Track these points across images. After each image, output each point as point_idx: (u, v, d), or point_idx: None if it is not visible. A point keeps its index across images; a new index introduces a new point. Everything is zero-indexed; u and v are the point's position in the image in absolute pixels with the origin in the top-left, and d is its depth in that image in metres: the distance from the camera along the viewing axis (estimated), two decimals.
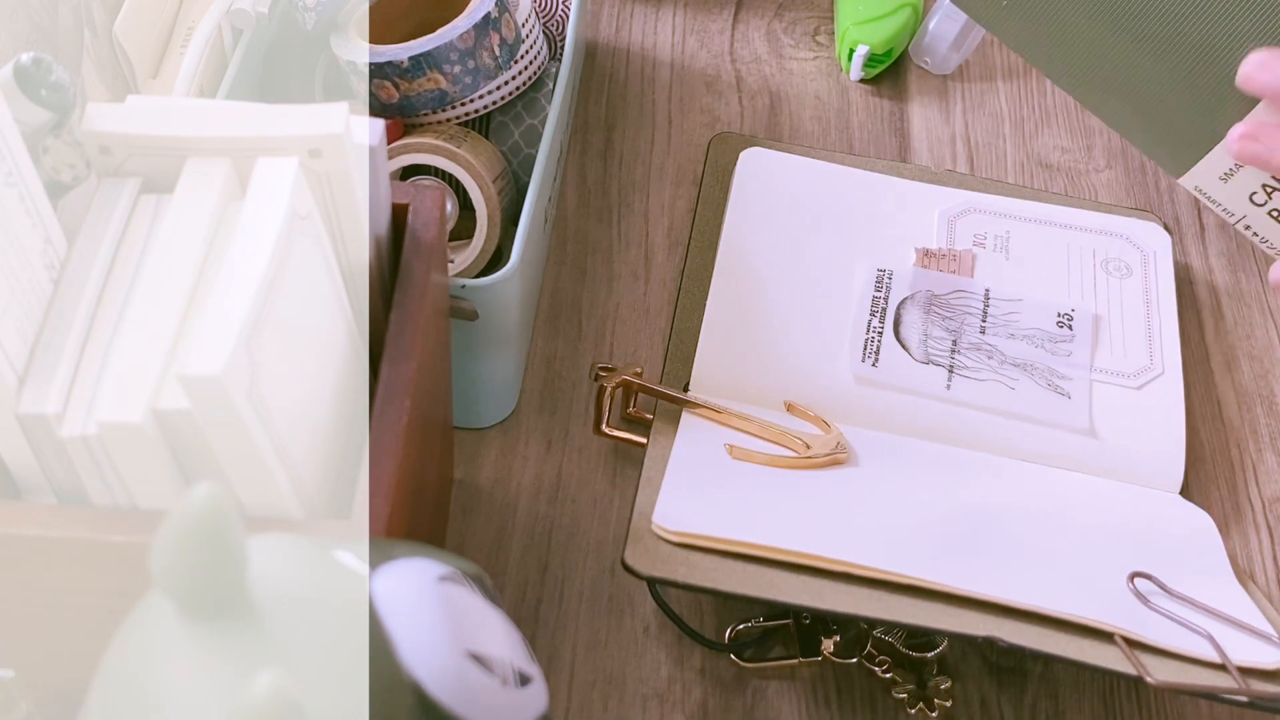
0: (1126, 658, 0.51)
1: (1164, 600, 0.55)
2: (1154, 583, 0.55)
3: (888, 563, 0.54)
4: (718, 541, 0.54)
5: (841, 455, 0.61)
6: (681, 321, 0.67)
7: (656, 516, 0.55)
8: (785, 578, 0.53)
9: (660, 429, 0.62)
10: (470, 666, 0.39)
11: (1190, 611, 0.54)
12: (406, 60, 0.65)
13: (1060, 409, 0.64)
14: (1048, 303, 0.68)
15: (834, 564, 0.53)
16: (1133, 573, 0.55)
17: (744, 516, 0.56)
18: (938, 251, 0.70)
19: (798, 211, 0.71)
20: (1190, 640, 0.53)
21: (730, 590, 0.52)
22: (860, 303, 0.67)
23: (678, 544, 0.54)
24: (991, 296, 0.68)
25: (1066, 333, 0.66)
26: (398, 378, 0.48)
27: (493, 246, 0.66)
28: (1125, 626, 0.53)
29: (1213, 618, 0.54)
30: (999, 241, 0.71)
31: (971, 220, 0.72)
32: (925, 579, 0.53)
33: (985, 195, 0.73)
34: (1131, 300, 0.69)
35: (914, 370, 0.65)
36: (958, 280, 0.69)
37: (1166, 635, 0.53)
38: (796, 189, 0.72)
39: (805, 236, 0.70)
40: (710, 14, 0.86)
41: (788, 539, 0.54)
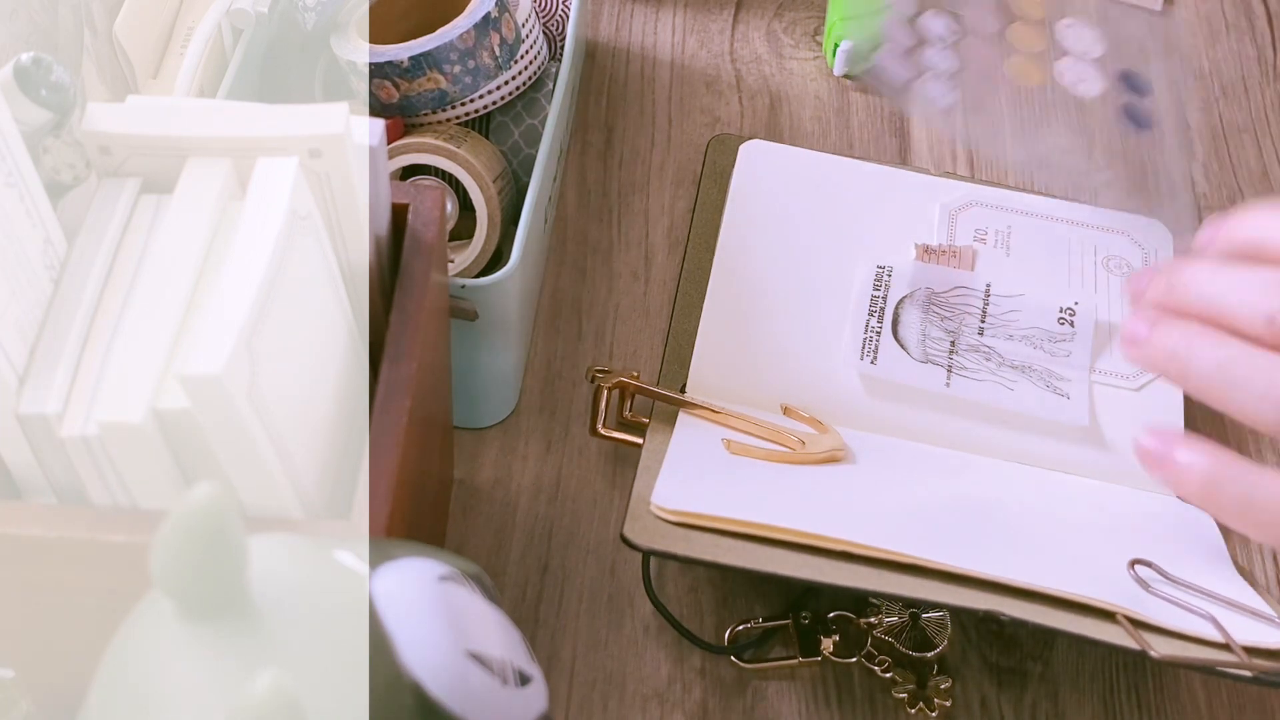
0: (1129, 634, 0.51)
1: (1165, 586, 0.55)
2: (1155, 569, 0.55)
3: (888, 542, 0.53)
4: (716, 520, 0.54)
5: (839, 454, 0.61)
6: (678, 323, 0.67)
7: (655, 497, 0.55)
8: (784, 554, 0.53)
9: (657, 429, 0.62)
10: (470, 666, 0.39)
11: (1192, 596, 0.54)
12: (406, 60, 0.65)
13: (1060, 409, 0.64)
14: (1049, 299, 0.67)
15: (834, 543, 0.53)
16: (1133, 559, 0.55)
17: (743, 498, 0.56)
18: (938, 248, 0.70)
19: (798, 205, 0.71)
20: (1193, 622, 0.53)
21: (729, 563, 0.52)
22: (859, 301, 0.67)
23: (676, 523, 0.54)
24: (992, 293, 0.68)
25: (1068, 329, 0.66)
26: (398, 378, 0.48)
27: (493, 246, 0.66)
28: (1128, 606, 0.53)
29: (1215, 601, 0.54)
30: (1000, 237, 0.70)
31: (973, 215, 0.71)
32: (926, 558, 0.53)
33: (987, 188, 0.73)
34: None
35: (913, 368, 0.65)
36: (958, 275, 0.68)
37: (1169, 617, 0.53)
38: (797, 182, 0.72)
39: (805, 232, 0.70)
40: (710, 14, 0.86)
41: (787, 518, 0.54)
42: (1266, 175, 0.78)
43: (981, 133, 0.73)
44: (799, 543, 0.53)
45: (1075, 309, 0.67)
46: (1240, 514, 0.51)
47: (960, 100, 0.71)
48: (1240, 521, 0.51)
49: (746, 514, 0.54)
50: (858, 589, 0.51)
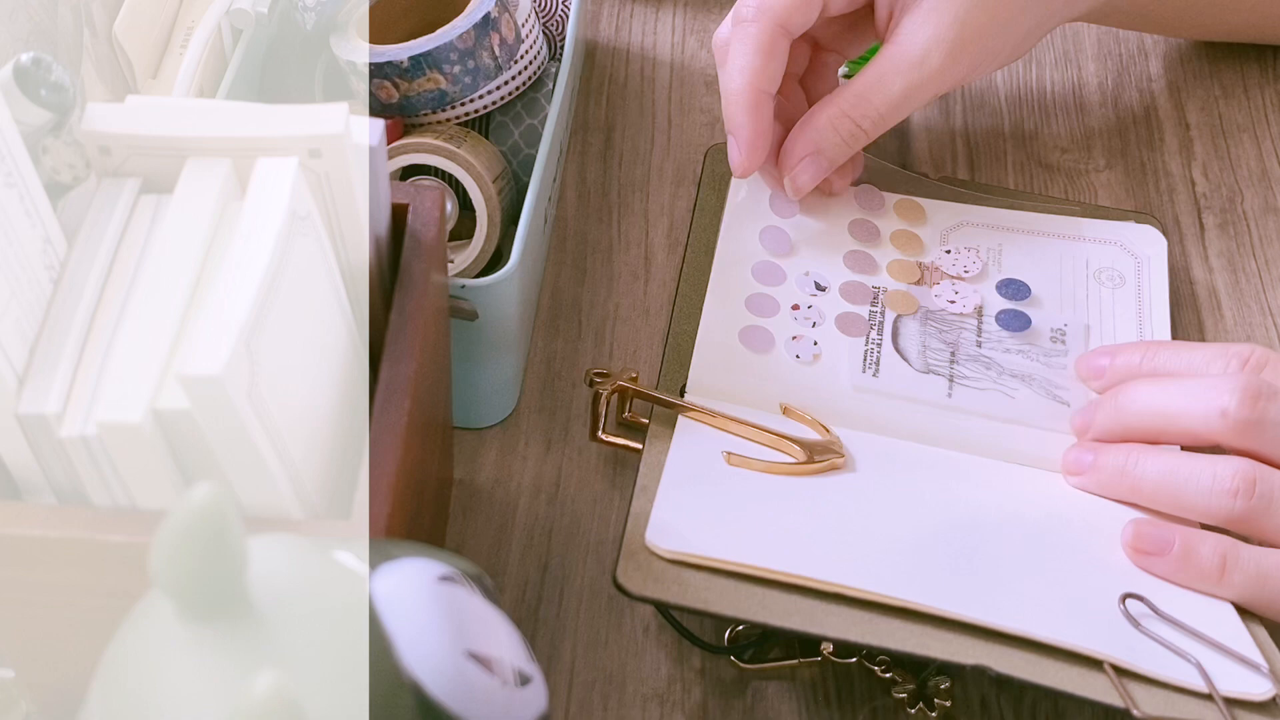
0: (1115, 688, 0.52)
1: (1155, 624, 0.55)
2: (1146, 605, 0.55)
3: (880, 585, 0.54)
4: (711, 561, 0.54)
5: (839, 460, 0.61)
6: (678, 323, 0.67)
7: (650, 532, 0.55)
8: (778, 598, 0.54)
9: (656, 433, 0.62)
10: (470, 666, 0.39)
11: (1180, 636, 0.55)
12: (406, 60, 0.65)
13: (1062, 416, 0.64)
14: (1040, 319, 0.68)
15: (826, 585, 0.54)
16: (1124, 594, 0.56)
17: (739, 534, 0.56)
18: (930, 265, 0.70)
19: (789, 225, 0.71)
20: (1179, 668, 0.53)
21: (721, 612, 0.53)
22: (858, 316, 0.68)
23: (670, 561, 0.55)
24: (985, 313, 0.68)
25: (1060, 347, 0.67)
26: (398, 378, 0.48)
27: (493, 246, 0.66)
28: (1114, 654, 0.53)
29: (1203, 643, 0.55)
30: (991, 255, 0.71)
31: (964, 234, 0.72)
32: (917, 602, 0.54)
33: (978, 208, 0.73)
34: (1124, 310, 0.69)
35: (915, 379, 0.65)
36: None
37: (1156, 662, 0.53)
38: (790, 204, 0.72)
39: (799, 249, 0.70)
40: (710, 14, 0.86)
41: (781, 560, 0.55)
42: (1266, 175, 0.78)
43: None
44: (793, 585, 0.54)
45: (1065, 329, 0.67)
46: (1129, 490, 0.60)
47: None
48: (1162, 500, 0.59)
49: (741, 555, 0.55)
50: (847, 640, 0.52)
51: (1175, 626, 0.55)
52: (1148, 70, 0.84)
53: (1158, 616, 0.55)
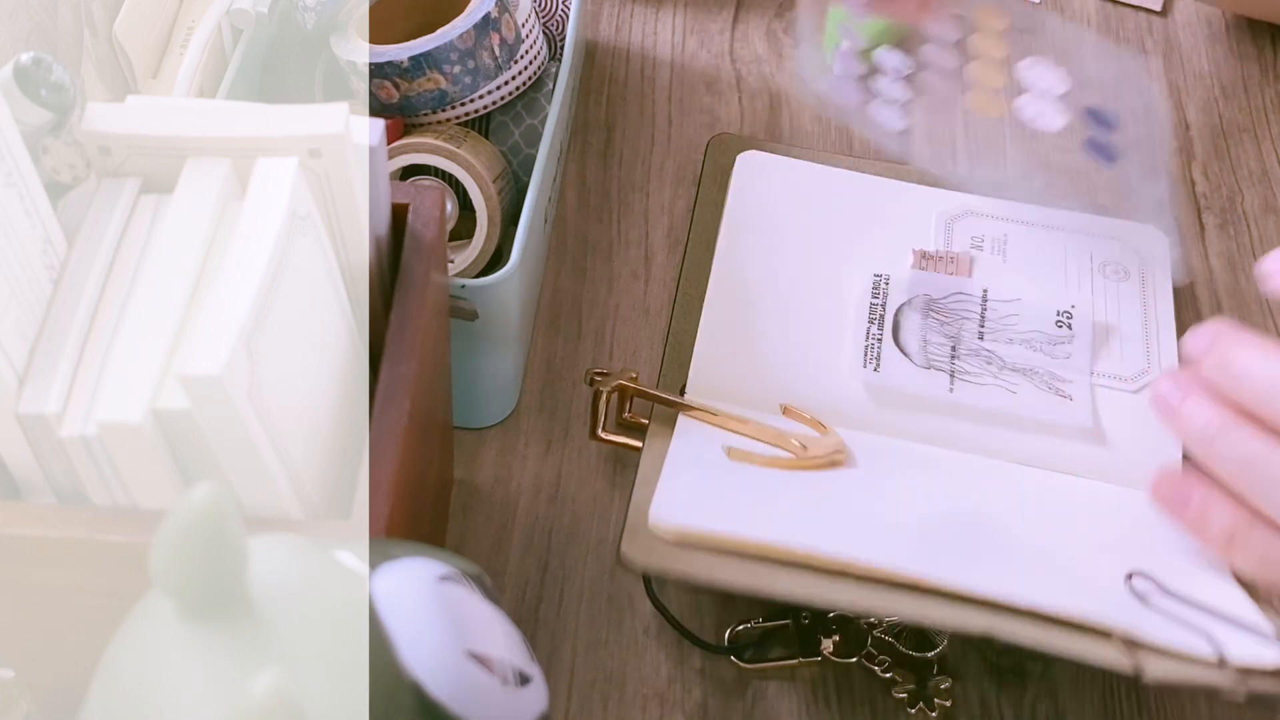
0: (1123, 655, 0.51)
1: (1162, 599, 0.55)
2: (1152, 582, 0.55)
3: (885, 559, 0.53)
4: (714, 538, 0.54)
5: (839, 457, 0.61)
6: (678, 324, 0.67)
7: (653, 512, 0.55)
8: (782, 573, 0.53)
9: (656, 432, 0.62)
10: (470, 666, 0.39)
11: (1188, 610, 0.54)
12: (406, 60, 0.65)
13: (1063, 411, 0.64)
14: (1046, 303, 0.68)
15: (831, 561, 0.53)
16: (1130, 571, 0.55)
17: (741, 512, 0.56)
18: (935, 254, 0.70)
19: (795, 215, 0.71)
20: (1188, 638, 0.53)
21: (726, 583, 0.52)
22: (859, 309, 0.67)
23: (674, 541, 0.54)
24: (989, 298, 0.68)
25: (1066, 332, 0.66)
26: (398, 378, 0.48)
27: (493, 246, 0.66)
28: (1123, 625, 0.53)
29: (1211, 616, 0.54)
30: (996, 244, 0.71)
31: (969, 223, 0.72)
32: (923, 576, 0.53)
33: (983, 198, 0.73)
34: (1129, 303, 0.69)
35: (916, 375, 0.65)
36: (955, 282, 0.69)
37: (1164, 633, 0.53)
38: (794, 193, 0.72)
39: (801, 239, 0.70)
40: (710, 14, 0.86)
41: (785, 535, 0.54)
42: (1266, 175, 0.78)
43: (934, 156, 0.74)
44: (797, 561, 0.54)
45: (1072, 312, 0.67)
46: (1234, 474, 0.54)
47: (913, 127, 0.71)
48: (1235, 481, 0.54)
49: (744, 531, 0.54)
50: (854, 609, 0.52)
51: (1182, 601, 0.55)
52: (1148, 70, 0.84)
53: (1164, 593, 0.55)
